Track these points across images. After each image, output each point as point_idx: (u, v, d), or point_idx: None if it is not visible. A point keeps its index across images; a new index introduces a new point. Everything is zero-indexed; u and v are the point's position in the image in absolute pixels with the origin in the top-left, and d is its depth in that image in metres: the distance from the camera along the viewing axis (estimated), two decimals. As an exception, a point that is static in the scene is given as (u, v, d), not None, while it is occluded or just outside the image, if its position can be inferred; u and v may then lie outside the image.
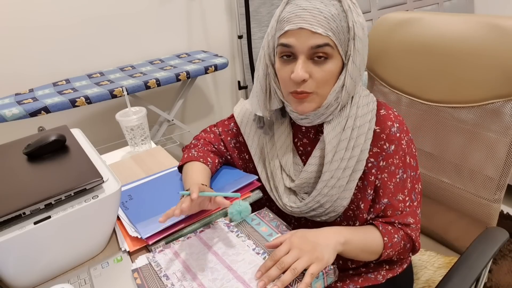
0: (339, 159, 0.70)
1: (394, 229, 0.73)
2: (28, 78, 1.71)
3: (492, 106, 0.82)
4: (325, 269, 0.62)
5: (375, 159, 0.72)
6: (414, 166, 0.75)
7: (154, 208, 0.80)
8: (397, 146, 0.71)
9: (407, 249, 0.76)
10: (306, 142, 0.79)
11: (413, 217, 0.74)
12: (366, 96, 0.73)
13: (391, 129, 0.71)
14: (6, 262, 0.60)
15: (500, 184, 0.85)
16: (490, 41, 0.81)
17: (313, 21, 0.62)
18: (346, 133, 0.70)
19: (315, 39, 0.63)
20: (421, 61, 0.92)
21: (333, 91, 0.67)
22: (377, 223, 0.73)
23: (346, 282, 0.79)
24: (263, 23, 2.34)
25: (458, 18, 0.88)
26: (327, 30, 0.62)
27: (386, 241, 0.70)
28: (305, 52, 0.64)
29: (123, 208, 0.81)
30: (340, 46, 0.64)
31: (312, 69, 0.65)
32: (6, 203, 0.60)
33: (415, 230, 0.75)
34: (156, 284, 0.62)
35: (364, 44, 0.66)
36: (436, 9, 2.60)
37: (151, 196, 0.86)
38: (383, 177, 0.72)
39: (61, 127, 0.87)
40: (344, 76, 0.66)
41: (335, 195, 0.73)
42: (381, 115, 0.72)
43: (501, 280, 1.43)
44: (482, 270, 0.73)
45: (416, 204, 0.76)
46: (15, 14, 1.61)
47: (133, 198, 0.85)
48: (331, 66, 0.65)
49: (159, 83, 1.66)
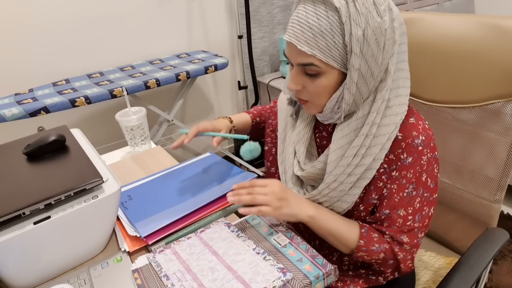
0: (346, 164, 0.67)
1: (379, 239, 0.69)
2: (28, 78, 1.71)
3: (492, 106, 0.82)
4: (326, 270, 0.62)
5: (389, 166, 0.68)
6: (430, 188, 0.69)
7: (153, 208, 0.80)
8: (415, 160, 0.67)
9: (389, 265, 0.71)
10: (324, 135, 0.78)
11: (410, 237, 0.69)
12: (398, 106, 0.66)
13: (414, 140, 0.66)
14: (6, 262, 0.60)
15: (500, 184, 0.85)
16: (491, 41, 0.81)
17: (300, 37, 0.60)
18: (359, 139, 0.66)
19: (300, 57, 0.62)
20: (422, 61, 0.92)
21: (331, 100, 0.66)
22: (363, 225, 0.71)
23: (346, 282, 0.79)
24: (263, 23, 2.33)
25: (458, 18, 0.88)
26: (313, 49, 0.60)
27: (362, 244, 0.69)
28: (295, 66, 0.65)
29: (122, 208, 0.81)
30: (335, 62, 0.61)
31: (305, 81, 0.65)
32: (6, 203, 0.60)
33: (406, 252, 0.69)
34: (157, 284, 0.62)
35: (368, 56, 0.60)
36: (436, 9, 2.60)
37: (150, 196, 0.86)
38: (392, 188, 0.69)
39: (60, 127, 0.87)
40: (342, 89, 0.64)
41: (335, 197, 0.71)
42: (409, 122, 0.67)
43: (501, 281, 1.43)
44: (483, 270, 0.73)
45: (419, 226, 0.70)
46: (15, 14, 1.61)
47: (133, 199, 0.85)
48: (323, 81, 0.64)
49: (159, 83, 1.66)
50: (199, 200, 0.80)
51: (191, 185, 0.87)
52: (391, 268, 0.72)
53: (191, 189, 0.85)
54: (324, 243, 0.80)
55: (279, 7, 2.37)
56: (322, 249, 0.82)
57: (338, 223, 0.71)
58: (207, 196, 0.82)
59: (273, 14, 2.36)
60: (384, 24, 0.60)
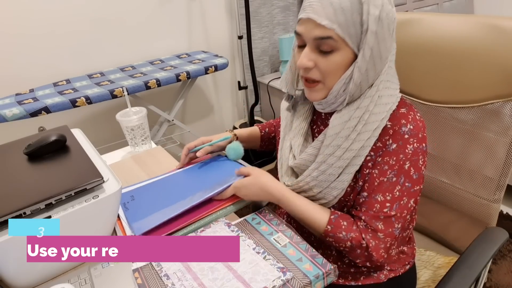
0: (336, 145, 0.70)
1: (348, 227, 0.70)
2: (29, 78, 1.71)
3: (491, 106, 0.82)
4: (326, 269, 0.62)
5: (375, 153, 0.70)
6: (413, 178, 0.69)
7: (152, 208, 0.79)
8: (399, 147, 0.68)
9: (357, 254, 0.70)
10: (322, 129, 0.80)
11: (385, 225, 0.69)
12: (388, 96, 0.70)
13: (401, 128, 0.68)
14: (6, 262, 0.60)
15: (499, 184, 0.86)
16: (490, 42, 0.81)
17: (321, 13, 0.63)
18: (351, 122, 0.69)
19: (318, 31, 0.64)
20: (421, 61, 0.92)
21: (339, 81, 0.67)
22: (334, 212, 0.73)
23: (348, 279, 0.80)
24: (263, 23, 2.34)
25: (457, 18, 0.88)
26: (333, 23, 0.62)
27: (329, 229, 0.71)
28: (311, 42, 0.66)
29: (123, 209, 0.81)
30: (350, 39, 0.64)
31: (318, 58, 0.67)
32: (7, 203, 0.60)
33: (379, 240, 0.68)
34: (157, 284, 0.62)
35: (380, 37, 0.64)
36: (435, 9, 2.60)
37: (152, 197, 0.85)
38: (373, 172, 0.70)
39: (61, 127, 0.87)
40: (352, 69, 0.66)
41: (324, 182, 0.72)
42: (399, 112, 0.70)
43: (500, 280, 1.43)
44: (482, 270, 0.73)
45: (397, 216, 0.69)
46: (16, 14, 1.61)
47: (135, 199, 0.84)
48: (337, 58, 0.66)
49: (159, 83, 1.66)
50: (194, 198, 0.80)
51: (192, 184, 0.87)
52: (361, 258, 0.71)
53: (190, 188, 0.85)
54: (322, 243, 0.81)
55: (279, 8, 2.37)
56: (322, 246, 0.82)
57: (309, 204, 0.75)
58: (203, 194, 0.80)
59: (273, 15, 2.36)
60: (393, 13, 0.66)
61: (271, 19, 2.36)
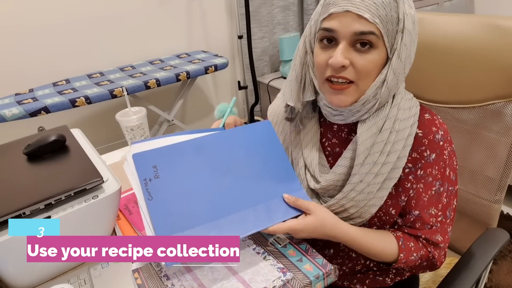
0: (372, 162, 0.64)
1: (416, 246, 0.68)
2: (28, 78, 1.71)
3: (493, 106, 0.82)
4: (326, 269, 0.62)
5: (413, 165, 0.66)
6: (453, 181, 0.69)
7: (187, 214, 0.63)
8: (438, 156, 0.66)
9: (423, 266, 0.71)
10: (335, 142, 0.74)
11: (442, 235, 0.69)
12: (409, 100, 0.67)
13: (435, 136, 0.65)
14: (6, 262, 0.60)
15: (500, 184, 0.85)
16: (491, 42, 0.81)
17: (360, 5, 0.57)
18: (383, 135, 0.64)
19: (360, 25, 0.58)
20: (421, 61, 0.92)
21: (373, 85, 0.62)
22: (398, 237, 0.68)
23: (353, 282, 0.79)
24: (263, 23, 2.34)
25: (458, 18, 0.88)
26: (375, 17, 0.57)
27: (402, 257, 0.67)
28: (347, 38, 0.59)
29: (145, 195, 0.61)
30: (387, 37, 0.59)
31: (354, 56, 0.60)
32: (6, 203, 0.60)
33: (441, 249, 0.69)
34: (157, 284, 0.62)
35: (413, 39, 0.61)
36: (436, 9, 2.59)
37: (184, 175, 0.65)
38: (419, 188, 0.67)
39: (61, 127, 0.87)
40: (387, 70, 0.61)
41: (362, 201, 0.67)
42: (425, 119, 0.67)
43: (501, 281, 1.43)
44: (483, 271, 0.73)
45: (449, 222, 0.69)
46: (15, 14, 1.61)
47: (160, 177, 0.64)
48: (374, 56, 0.60)
49: (159, 83, 1.66)
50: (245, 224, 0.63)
51: (237, 177, 0.68)
52: (424, 269, 0.72)
53: (237, 189, 0.67)
54: (340, 252, 0.77)
55: (279, 8, 2.37)
56: (336, 258, 0.79)
57: (372, 238, 0.68)
58: (249, 225, 0.63)
59: (273, 15, 2.36)
60: (416, 16, 0.63)
61: (271, 19, 2.36)
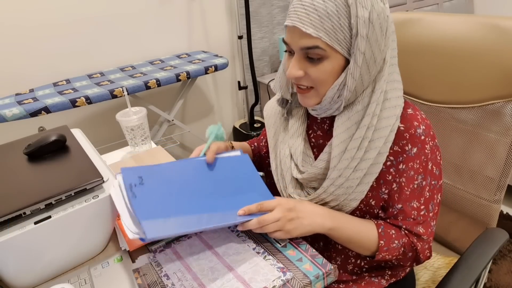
0: (350, 157, 0.66)
1: (397, 234, 0.69)
2: (29, 78, 1.71)
3: (492, 106, 0.82)
4: (326, 269, 0.62)
5: (395, 158, 0.68)
6: (436, 175, 0.70)
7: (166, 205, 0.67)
8: (419, 150, 0.67)
9: (408, 257, 0.71)
10: (319, 134, 0.77)
11: (425, 227, 0.70)
12: (396, 98, 0.67)
13: (416, 130, 0.66)
14: (6, 262, 0.60)
15: (500, 184, 0.85)
16: (490, 42, 0.81)
17: (305, 20, 0.60)
18: (361, 131, 0.65)
19: (305, 40, 0.61)
20: (421, 61, 0.92)
21: (332, 88, 0.65)
22: (379, 224, 0.70)
23: (349, 284, 0.78)
24: (263, 23, 2.34)
25: (458, 18, 0.88)
26: (319, 31, 0.59)
27: (382, 244, 0.68)
28: (298, 51, 0.64)
29: (129, 194, 0.66)
30: (339, 45, 0.61)
31: (308, 67, 0.64)
32: (7, 203, 0.60)
33: (424, 241, 0.70)
34: (157, 284, 0.62)
35: (372, 41, 0.60)
36: (436, 9, 2.60)
37: (166, 185, 0.71)
38: (401, 181, 0.68)
39: (61, 127, 0.87)
40: (344, 75, 0.63)
41: (342, 195, 0.69)
42: (408, 113, 0.68)
43: (500, 280, 1.43)
44: (482, 270, 0.73)
45: (432, 215, 0.71)
46: (15, 14, 1.61)
47: (144, 184, 0.70)
48: (327, 66, 0.63)
49: (159, 83, 1.66)
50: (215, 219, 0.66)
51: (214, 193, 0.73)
52: (411, 261, 0.72)
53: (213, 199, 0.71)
54: (329, 245, 0.79)
55: (279, 8, 2.37)
56: (326, 251, 0.80)
57: (356, 228, 0.69)
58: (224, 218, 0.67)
59: (273, 15, 2.36)
60: (386, 11, 0.61)
61: (271, 19, 2.36)
